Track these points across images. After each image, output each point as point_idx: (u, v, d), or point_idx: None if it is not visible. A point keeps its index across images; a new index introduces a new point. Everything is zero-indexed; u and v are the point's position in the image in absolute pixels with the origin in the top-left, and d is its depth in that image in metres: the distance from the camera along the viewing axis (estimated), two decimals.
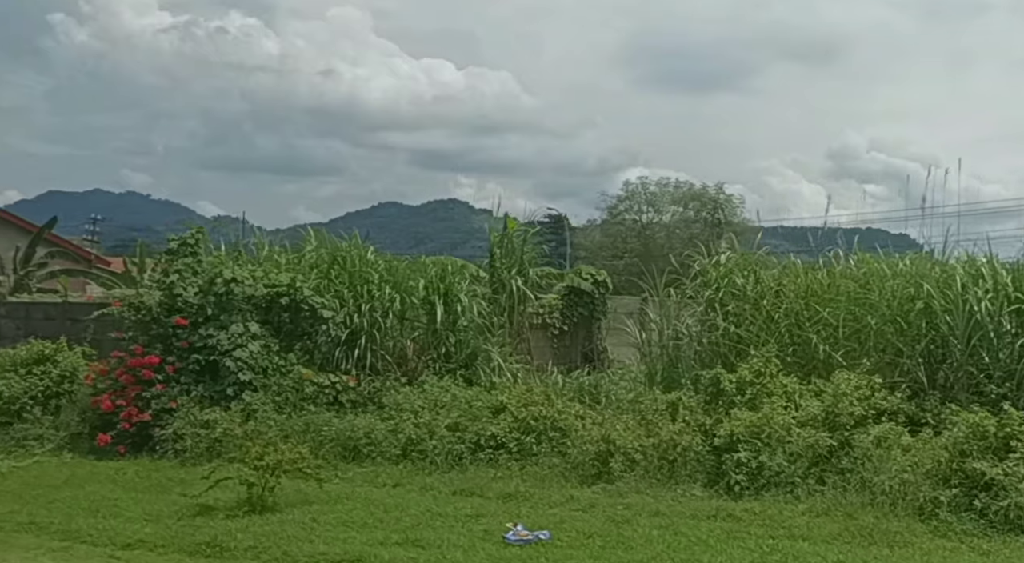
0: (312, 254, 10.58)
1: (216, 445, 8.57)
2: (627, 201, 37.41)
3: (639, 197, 37.31)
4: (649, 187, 37.19)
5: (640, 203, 37.29)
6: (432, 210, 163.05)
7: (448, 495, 7.15)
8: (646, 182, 37.41)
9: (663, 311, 9.94)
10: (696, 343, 9.35)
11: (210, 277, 9.39)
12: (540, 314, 13.38)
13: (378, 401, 9.39)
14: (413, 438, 8.29)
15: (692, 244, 36.90)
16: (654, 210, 37.16)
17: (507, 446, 7.91)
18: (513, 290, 10.84)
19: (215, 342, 9.22)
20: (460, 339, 10.22)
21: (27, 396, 9.58)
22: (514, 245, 12.24)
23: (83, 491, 7.44)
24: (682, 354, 9.66)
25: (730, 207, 36.71)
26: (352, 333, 9.81)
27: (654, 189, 37.12)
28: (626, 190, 37.56)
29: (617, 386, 10.58)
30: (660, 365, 9.76)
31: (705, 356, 9.13)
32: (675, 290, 9.76)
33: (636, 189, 37.32)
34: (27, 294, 20.55)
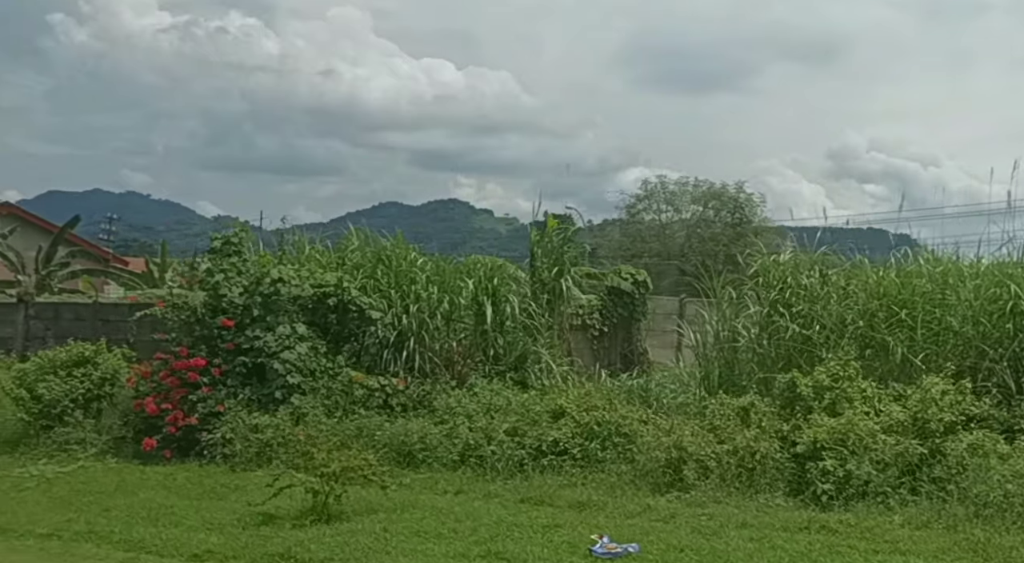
0: (356, 254, 10.33)
1: (266, 450, 8.34)
2: (645, 200, 37.04)
3: (658, 196, 36.93)
4: (668, 186, 36.82)
5: (659, 202, 36.92)
6: (433, 210, 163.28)
7: (515, 503, 6.89)
8: (665, 181, 37.04)
9: (718, 312, 9.64)
10: (756, 345, 9.06)
11: (257, 277, 9.15)
12: (580, 315, 13.13)
13: (428, 404, 9.14)
14: (471, 443, 8.04)
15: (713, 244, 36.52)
16: (673, 209, 36.79)
17: (570, 452, 7.66)
18: (563, 290, 10.57)
19: (262, 344, 8.98)
20: (509, 340, 9.97)
21: (68, 399, 9.33)
22: (554, 244, 11.99)
23: (137, 498, 7.22)
24: (739, 356, 9.38)
25: (750, 207, 36.27)
26: (399, 334, 9.56)
27: (673, 188, 36.74)
28: (644, 189, 37.18)
29: (665, 389, 10.36)
30: (716, 368, 9.46)
31: (767, 359, 8.84)
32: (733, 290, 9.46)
33: (655, 188, 36.95)
34: (48, 294, 20.46)
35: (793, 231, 27.14)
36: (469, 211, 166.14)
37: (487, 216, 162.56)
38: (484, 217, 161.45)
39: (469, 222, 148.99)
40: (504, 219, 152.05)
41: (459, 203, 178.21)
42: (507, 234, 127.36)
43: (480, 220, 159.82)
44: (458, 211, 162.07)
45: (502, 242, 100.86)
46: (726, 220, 36.23)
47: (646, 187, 37.24)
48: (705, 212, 36.54)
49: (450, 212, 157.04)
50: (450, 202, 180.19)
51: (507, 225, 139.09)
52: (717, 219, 36.26)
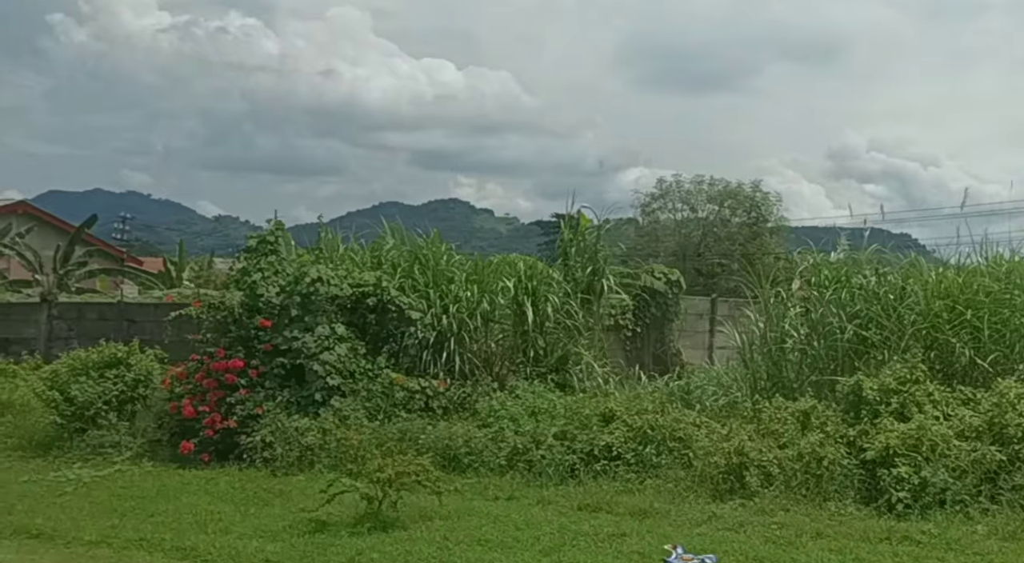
0: (392, 252, 10.13)
1: (307, 454, 8.15)
2: (661, 199, 36.78)
3: (673, 195, 36.67)
4: (684, 185, 36.54)
5: (674, 201, 36.66)
6: (433, 210, 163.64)
7: (572, 510, 6.67)
8: (680, 180, 36.77)
9: (764, 312, 9.40)
10: (807, 346, 8.83)
11: (295, 276, 8.95)
12: (612, 315, 12.90)
13: (471, 407, 8.94)
14: (519, 448, 7.83)
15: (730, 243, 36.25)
16: (689, 208, 36.51)
17: (624, 457, 7.44)
18: (603, 289, 10.35)
19: (300, 344, 8.77)
20: (549, 341, 9.75)
21: (101, 401, 9.15)
22: (586, 243, 11.77)
23: (180, 503, 7.02)
24: (787, 358, 9.15)
25: (766, 206, 35.99)
26: (439, 335, 9.35)
27: (689, 187, 36.46)
28: (660, 188, 36.92)
29: (706, 390, 10.14)
30: (763, 370, 9.23)
31: (818, 360, 8.61)
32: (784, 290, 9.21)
33: (671, 187, 36.68)
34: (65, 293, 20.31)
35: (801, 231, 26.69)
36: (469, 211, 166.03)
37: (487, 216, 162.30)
38: (484, 217, 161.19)
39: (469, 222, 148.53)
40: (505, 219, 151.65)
41: (459, 203, 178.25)
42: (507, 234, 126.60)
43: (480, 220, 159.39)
44: (458, 211, 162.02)
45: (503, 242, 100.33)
46: (742, 219, 35.98)
47: (661, 186, 36.99)
48: (721, 211, 36.28)
49: (450, 212, 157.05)
50: (450, 202, 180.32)
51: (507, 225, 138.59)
52: (733, 218, 36.00)
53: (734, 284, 31.33)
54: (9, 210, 28.51)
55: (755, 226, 35.87)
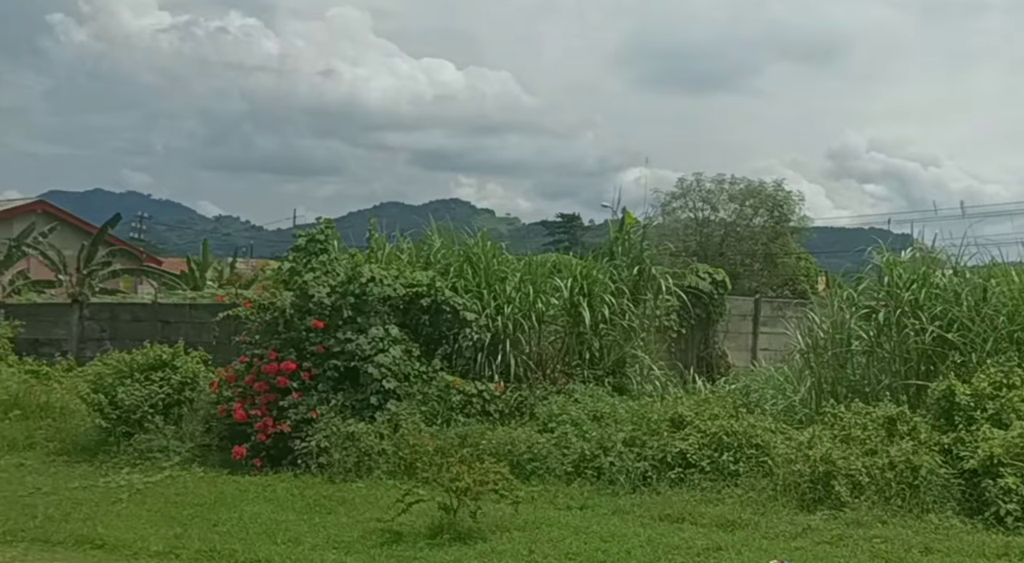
0: (440, 252, 9.85)
1: (365, 459, 7.89)
2: (681, 198, 36.42)
3: (694, 194, 36.30)
4: (704, 183, 36.17)
5: (695, 200, 36.29)
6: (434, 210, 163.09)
7: (653, 521, 6.38)
8: (701, 179, 36.39)
9: (830, 313, 9.08)
10: (877, 348, 8.51)
11: (348, 276, 8.68)
12: (658, 316, 12.60)
13: (529, 411, 8.65)
14: (586, 454, 7.55)
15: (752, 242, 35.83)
16: (710, 207, 36.14)
17: (699, 465, 7.15)
18: (661, 289, 10.05)
19: (354, 346, 8.50)
20: (605, 343, 9.46)
21: (147, 404, 8.92)
22: (632, 241, 11.48)
23: (241, 511, 6.76)
24: (854, 361, 8.83)
25: (788, 205, 35.59)
26: (493, 336, 9.07)
27: (710, 186, 36.08)
28: (680, 187, 36.56)
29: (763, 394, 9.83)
30: (828, 373, 8.91)
31: (891, 363, 8.29)
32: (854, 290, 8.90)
33: (691, 186, 36.31)
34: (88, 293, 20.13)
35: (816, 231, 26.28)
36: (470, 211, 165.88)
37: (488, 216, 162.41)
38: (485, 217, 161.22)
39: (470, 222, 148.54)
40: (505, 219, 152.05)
41: (460, 203, 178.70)
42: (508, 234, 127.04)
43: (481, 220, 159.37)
44: (459, 211, 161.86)
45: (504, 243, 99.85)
46: (764, 219, 35.60)
47: (681, 184, 36.64)
48: (743, 210, 35.91)
49: (451, 212, 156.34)
50: (451, 202, 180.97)
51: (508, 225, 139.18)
52: (755, 217, 35.63)
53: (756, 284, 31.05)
54: (28, 209, 28.40)
55: (777, 225, 35.54)
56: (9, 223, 26.94)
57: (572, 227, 66.81)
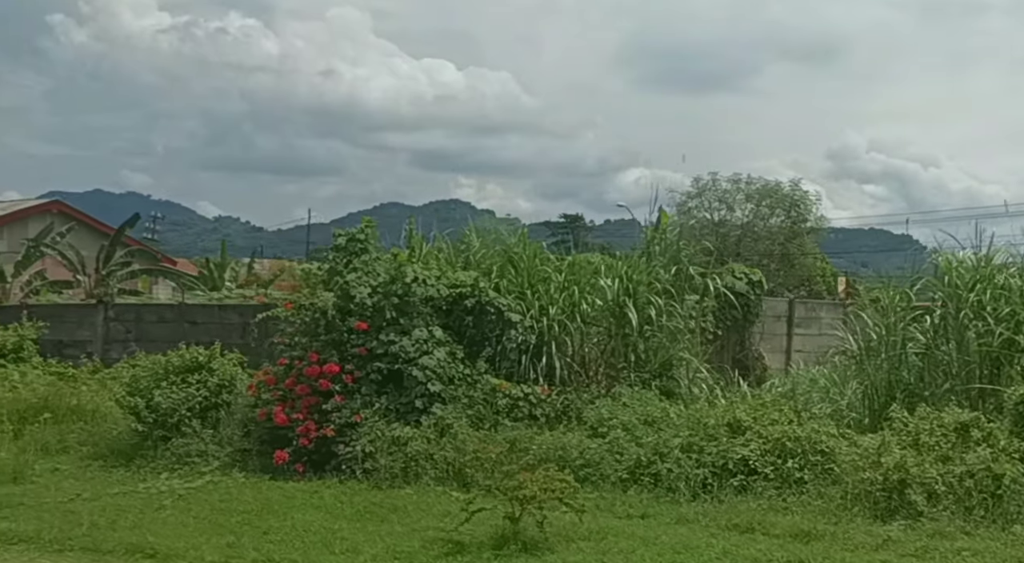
0: (480, 252, 9.64)
1: (412, 465, 7.68)
2: (697, 198, 36.16)
3: (710, 194, 36.04)
4: (721, 183, 35.91)
5: (711, 200, 36.02)
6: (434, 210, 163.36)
7: (721, 531, 6.16)
8: (717, 178, 36.13)
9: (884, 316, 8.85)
10: (934, 351, 8.27)
11: (391, 276, 8.48)
12: (693, 317, 12.37)
13: (574, 415, 8.44)
14: (642, 460, 7.32)
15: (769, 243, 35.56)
16: (726, 207, 35.87)
17: (761, 471, 6.91)
18: (709, 289, 9.83)
19: (398, 348, 8.29)
20: (651, 345, 9.23)
21: (185, 407, 8.72)
22: (669, 241, 11.25)
23: (291, 519, 6.56)
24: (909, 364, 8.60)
25: (805, 205, 35.31)
26: (537, 338, 8.85)
27: (726, 186, 35.82)
28: (696, 186, 36.29)
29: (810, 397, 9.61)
30: (882, 376, 8.68)
31: (950, 367, 8.05)
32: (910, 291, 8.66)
33: (707, 185, 36.04)
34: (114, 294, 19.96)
35: None
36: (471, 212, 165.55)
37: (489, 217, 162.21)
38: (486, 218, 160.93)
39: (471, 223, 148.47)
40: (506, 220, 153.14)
41: (461, 203, 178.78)
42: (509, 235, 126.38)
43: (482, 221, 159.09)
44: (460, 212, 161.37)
45: None
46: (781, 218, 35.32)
47: (697, 184, 36.37)
48: (759, 210, 35.63)
49: (452, 213, 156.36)
50: (451, 202, 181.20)
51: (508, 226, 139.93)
52: (772, 217, 35.35)
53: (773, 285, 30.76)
54: (43, 209, 28.28)
55: (794, 226, 35.27)
56: (24, 223, 26.85)
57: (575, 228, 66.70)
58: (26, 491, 7.57)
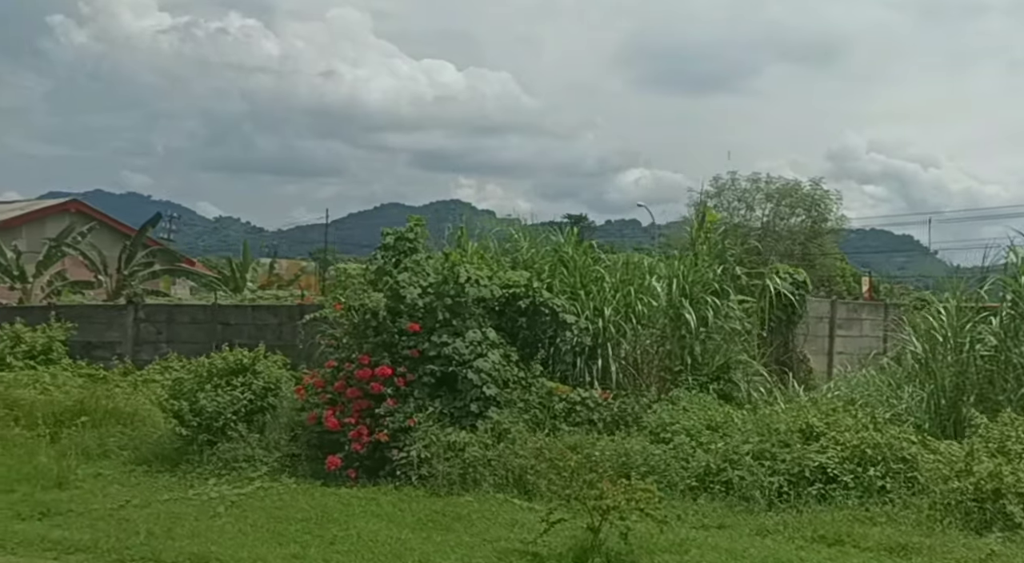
0: (530, 251, 9.38)
1: (470, 471, 7.43)
2: (716, 197, 35.81)
3: (729, 193, 35.69)
4: (739, 183, 35.56)
5: (730, 200, 35.68)
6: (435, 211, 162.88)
7: (807, 543, 5.88)
8: (736, 178, 35.78)
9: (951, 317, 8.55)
10: (1006, 354, 7.98)
11: (443, 276, 8.23)
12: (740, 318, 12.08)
13: (632, 419, 8.16)
14: (712, 467, 7.05)
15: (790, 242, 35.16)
16: (746, 207, 35.52)
17: (840, 480, 6.63)
18: (768, 291, 9.55)
19: (451, 350, 8.04)
20: (708, 347, 8.96)
21: (230, 411, 8.48)
22: (713, 240, 10.99)
23: (353, 528, 6.31)
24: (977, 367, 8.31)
25: (825, 204, 34.94)
26: (592, 340, 8.59)
27: (745, 185, 35.48)
28: (715, 186, 35.96)
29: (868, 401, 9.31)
30: (950, 380, 8.39)
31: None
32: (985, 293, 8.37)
33: (726, 184, 35.70)
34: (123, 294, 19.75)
35: None
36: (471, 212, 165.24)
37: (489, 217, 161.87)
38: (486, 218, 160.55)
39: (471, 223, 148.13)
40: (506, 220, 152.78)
41: (461, 204, 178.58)
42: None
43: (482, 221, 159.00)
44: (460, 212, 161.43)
45: None
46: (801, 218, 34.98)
47: (716, 183, 36.04)
48: (779, 209, 35.29)
49: (452, 213, 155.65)
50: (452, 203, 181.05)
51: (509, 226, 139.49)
52: (792, 217, 35.01)
53: None
54: (62, 208, 28.13)
55: (814, 225, 34.91)
56: (42, 223, 26.70)
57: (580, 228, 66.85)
58: (72, 497, 7.36)
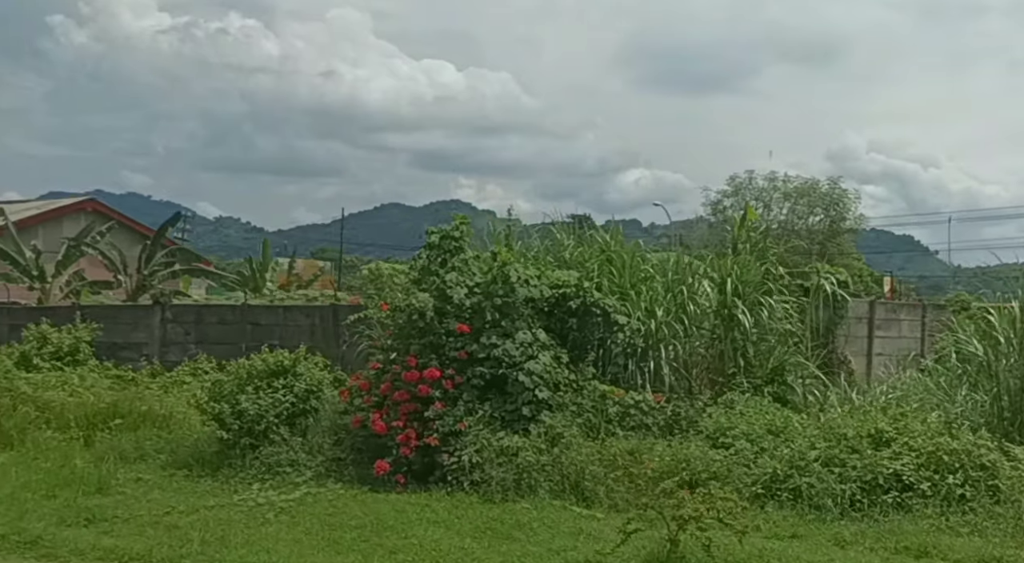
0: (578, 250, 9.15)
1: (524, 477, 7.19)
2: (733, 197, 35.52)
3: (746, 192, 35.38)
4: (757, 181, 35.25)
5: (747, 199, 35.35)
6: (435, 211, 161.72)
7: (891, 555, 5.65)
8: (753, 176, 35.46)
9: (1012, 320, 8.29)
10: None
11: (493, 276, 7.99)
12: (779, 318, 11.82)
13: (689, 423, 7.93)
14: (778, 474, 6.80)
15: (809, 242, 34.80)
16: (763, 206, 35.18)
17: (916, 487, 6.37)
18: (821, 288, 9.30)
19: (501, 352, 7.81)
20: (761, 349, 8.71)
21: (272, 414, 8.27)
22: (754, 239, 10.74)
23: (414, 537, 6.08)
24: None
25: (844, 203, 34.60)
26: (644, 341, 8.35)
27: (762, 184, 35.17)
28: (732, 185, 35.65)
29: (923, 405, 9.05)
30: (1015, 382, 8.12)
31: None
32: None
33: (743, 184, 35.40)
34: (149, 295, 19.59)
35: None
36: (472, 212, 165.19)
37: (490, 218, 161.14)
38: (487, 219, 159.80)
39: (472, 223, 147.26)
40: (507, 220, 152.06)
41: (461, 204, 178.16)
42: None
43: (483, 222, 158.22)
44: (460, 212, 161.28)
45: None
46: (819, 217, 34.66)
47: (733, 182, 35.74)
48: (796, 209, 34.97)
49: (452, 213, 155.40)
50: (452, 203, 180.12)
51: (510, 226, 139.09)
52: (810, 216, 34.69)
53: None
54: (78, 207, 28.03)
55: (833, 225, 34.58)
56: (59, 222, 26.59)
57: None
58: (116, 503, 7.14)
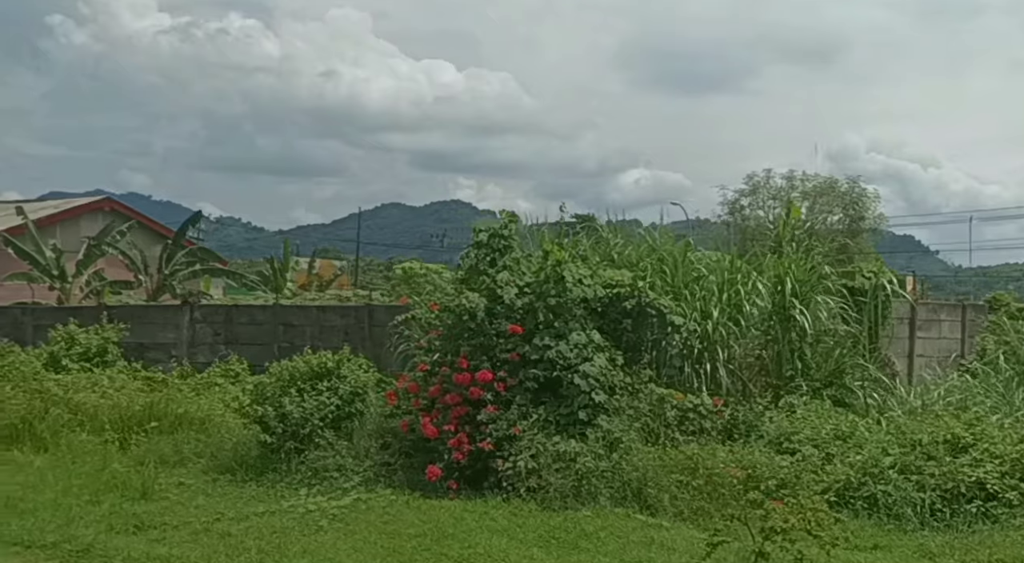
0: (629, 249, 8.90)
1: (584, 483, 6.95)
2: (751, 195, 35.17)
3: (763, 191, 35.04)
4: (775, 180, 34.88)
5: (765, 198, 35.02)
6: (435, 211, 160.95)
7: None
8: (771, 175, 35.10)
9: None
10: None
11: (546, 275, 7.75)
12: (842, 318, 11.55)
13: (748, 428, 7.67)
14: (852, 481, 6.54)
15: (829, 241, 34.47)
16: (781, 205, 34.84)
17: (1001, 496, 6.11)
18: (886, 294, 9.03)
19: (555, 354, 7.56)
20: (819, 351, 8.44)
21: (316, 417, 8.05)
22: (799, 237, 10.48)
23: (478, 546, 5.85)
24: None
25: (864, 202, 34.22)
26: (700, 343, 8.10)
27: (780, 183, 34.80)
28: (749, 183, 35.30)
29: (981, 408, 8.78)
30: None
31: None
32: None
33: (761, 183, 35.03)
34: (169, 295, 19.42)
35: None
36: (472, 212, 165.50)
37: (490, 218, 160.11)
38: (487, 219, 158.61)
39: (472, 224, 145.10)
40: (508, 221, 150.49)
41: (462, 204, 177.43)
42: None
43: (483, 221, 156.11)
44: (460, 212, 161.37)
45: None
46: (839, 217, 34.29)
47: (750, 181, 35.39)
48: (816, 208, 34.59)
49: (452, 213, 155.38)
50: (452, 203, 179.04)
51: None
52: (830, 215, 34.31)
53: None
54: (95, 207, 27.87)
55: (852, 224, 34.22)
56: (76, 221, 26.44)
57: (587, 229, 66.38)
58: (162, 509, 6.92)
